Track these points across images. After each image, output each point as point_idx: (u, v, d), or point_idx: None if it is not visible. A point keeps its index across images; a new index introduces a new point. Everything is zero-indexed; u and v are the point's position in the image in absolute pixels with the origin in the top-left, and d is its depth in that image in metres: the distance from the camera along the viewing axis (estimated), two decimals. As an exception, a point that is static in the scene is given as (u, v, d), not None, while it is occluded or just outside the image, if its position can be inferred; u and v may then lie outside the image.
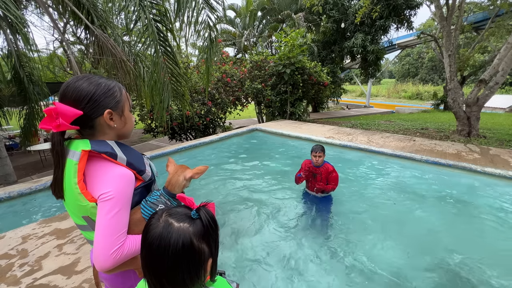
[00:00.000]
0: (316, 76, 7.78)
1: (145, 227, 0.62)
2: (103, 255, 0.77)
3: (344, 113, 14.29)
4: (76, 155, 0.79)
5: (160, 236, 0.58)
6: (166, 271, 0.58)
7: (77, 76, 0.82)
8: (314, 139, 5.41)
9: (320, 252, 2.31)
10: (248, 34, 12.46)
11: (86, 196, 0.79)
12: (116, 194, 0.78)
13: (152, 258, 0.59)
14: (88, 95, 0.78)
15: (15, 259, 1.97)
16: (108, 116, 0.82)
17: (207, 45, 4.66)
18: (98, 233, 0.78)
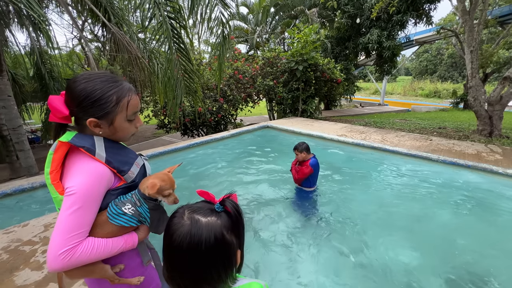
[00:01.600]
0: (329, 73, 7.64)
1: (168, 228, 0.60)
2: (51, 254, 0.71)
3: (358, 111, 13.99)
4: (54, 145, 0.79)
5: (189, 233, 0.56)
6: (202, 269, 0.57)
7: (88, 73, 0.81)
8: (326, 137, 5.34)
9: (329, 251, 2.29)
10: (261, 31, 12.39)
11: (57, 188, 0.77)
12: (79, 190, 0.74)
13: (184, 259, 0.56)
14: (78, 99, 0.78)
15: (38, 246, 2.08)
16: (91, 124, 0.80)
17: (220, 41, 4.68)
18: (54, 229, 0.73)
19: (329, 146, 5.12)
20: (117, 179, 0.85)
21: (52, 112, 0.79)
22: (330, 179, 3.75)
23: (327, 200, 3.14)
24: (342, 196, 3.27)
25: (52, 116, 0.80)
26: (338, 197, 3.23)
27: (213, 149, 5.11)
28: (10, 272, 1.81)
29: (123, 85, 0.84)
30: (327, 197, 3.21)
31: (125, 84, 0.85)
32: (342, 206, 3.01)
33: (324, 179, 3.72)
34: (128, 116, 0.85)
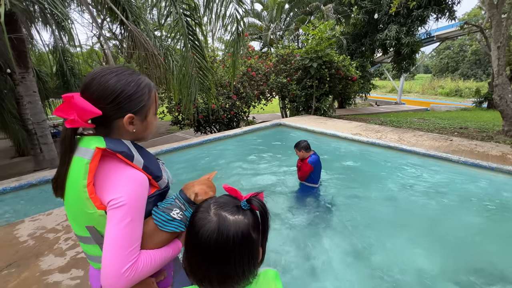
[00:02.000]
0: (344, 70, 7.48)
1: (193, 222, 0.61)
2: (114, 274, 0.64)
3: (373, 110, 13.62)
4: (88, 152, 0.68)
5: (217, 230, 0.56)
6: (228, 265, 0.57)
7: (107, 68, 0.73)
8: (340, 135, 5.24)
9: (339, 249, 2.26)
10: (275, 28, 12.28)
11: (94, 202, 0.67)
12: (129, 201, 0.67)
13: (210, 254, 0.57)
14: (112, 95, 0.70)
15: (61, 234, 2.19)
16: (128, 121, 0.73)
17: (234, 39, 4.69)
18: (107, 247, 0.65)
19: (343, 145, 5.03)
20: (150, 186, 0.78)
21: (80, 114, 0.66)
22: (343, 178, 3.69)
23: (339, 199, 3.10)
24: (355, 195, 3.21)
25: (77, 120, 0.65)
26: (350, 196, 3.18)
27: (225, 146, 5.16)
28: (36, 257, 1.92)
29: (145, 77, 0.78)
30: (340, 196, 3.16)
31: (143, 76, 0.79)
32: (355, 205, 2.96)
33: (337, 178, 3.66)
34: (155, 107, 0.82)
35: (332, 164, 4.19)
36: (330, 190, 3.32)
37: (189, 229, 0.61)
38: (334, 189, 3.37)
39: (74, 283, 1.66)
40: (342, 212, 2.83)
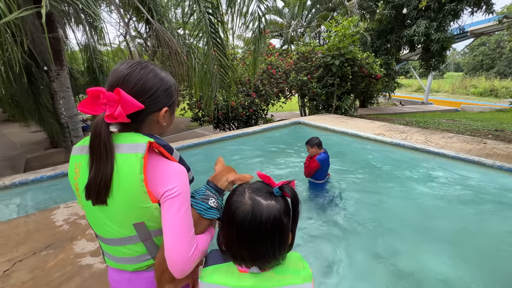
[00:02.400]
0: (368, 68, 7.21)
1: (228, 204, 0.65)
2: (183, 259, 0.67)
3: (397, 110, 13.03)
4: (141, 147, 0.67)
5: (251, 213, 0.61)
6: (260, 246, 0.61)
7: (137, 62, 0.72)
8: (361, 135, 5.08)
9: (360, 254, 2.20)
10: (296, 25, 12.11)
11: (150, 196, 0.68)
12: (183, 190, 0.70)
13: (244, 234, 0.62)
14: (152, 89, 0.70)
15: (91, 221, 2.34)
16: (163, 115, 0.75)
17: (256, 36, 4.69)
18: (171, 235, 0.67)
19: (365, 145, 4.87)
20: None
21: (125, 108, 0.65)
22: (364, 179, 3.58)
23: (361, 201, 3.01)
24: (376, 196, 3.11)
25: (120, 114, 0.65)
26: (371, 197, 3.08)
27: (244, 143, 5.19)
28: (70, 240, 2.07)
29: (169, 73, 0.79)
30: (361, 198, 3.08)
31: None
32: (376, 207, 2.87)
33: (359, 180, 3.56)
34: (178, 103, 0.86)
35: (353, 164, 4.08)
36: (349, 191, 3.24)
37: (225, 210, 0.66)
38: (354, 190, 3.28)
39: (103, 266, 1.77)
40: (362, 213, 2.76)
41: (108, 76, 0.72)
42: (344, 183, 3.48)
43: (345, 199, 3.06)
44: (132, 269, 0.79)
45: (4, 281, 1.67)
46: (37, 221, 2.36)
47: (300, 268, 0.67)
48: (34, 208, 2.96)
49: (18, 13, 2.65)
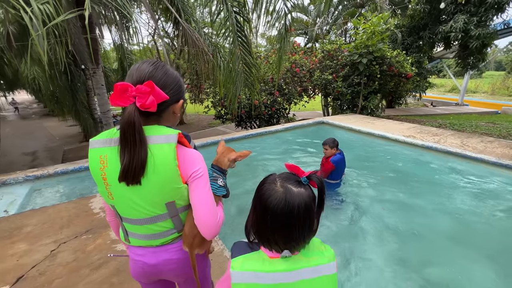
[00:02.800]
0: (398, 66, 6.86)
1: (260, 192, 0.70)
2: (214, 224, 0.81)
3: (427, 111, 12.27)
4: (172, 138, 0.78)
5: (284, 200, 0.65)
6: (292, 230, 0.66)
7: (155, 61, 0.82)
8: (390, 137, 4.86)
9: (387, 260, 2.11)
10: (321, 22, 11.83)
11: (181, 178, 0.80)
12: (205, 171, 0.83)
13: (277, 220, 0.66)
14: (172, 83, 0.80)
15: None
16: (180, 105, 0.85)
17: (282, 34, 4.65)
18: (202, 206, 0.81)
19: (393, 147, 4.66)
20: None
21: (157, 97, 0.74)
22: (391, 182, 3.42)
23: (386, 205, 2.89)
24: (404, 202, 2.96)
25: (151, 103, 0.73)
26: (398, 203, 2.94)
27: (266, 142, 5.20)
28: (106, 227, 2.22)
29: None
30: (386, 201, 2.95)
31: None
32: (403, 213, 2.74)
33: (385, 182, 3.42)
34: None
35: (379, 167, 3.93)
36: (374, 193, 3.12)
37: (258, 198, 0.70)
38: (379, 192, 3.16)
39: (137, 254, 1.87)
40: (387, 217, 2.65)
41: (128, 75, 0.79)
42: (369, 185, 3.36)
43: (368, 201, 2.95)
44: (158, 244, 0.89)
45: (52, 260, 1.84)
46: (77, 207, 2.55)
47: (323, 250, 0.72)
48: (73, 196, 3.22)
49: (65, 16, 2.87)
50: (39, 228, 2.22)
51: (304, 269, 0.67)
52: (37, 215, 2.42)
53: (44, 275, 1.71)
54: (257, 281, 0.66)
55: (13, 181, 3.23)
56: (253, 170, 3.94)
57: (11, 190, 3.14)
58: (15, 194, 3.08)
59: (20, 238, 2.08)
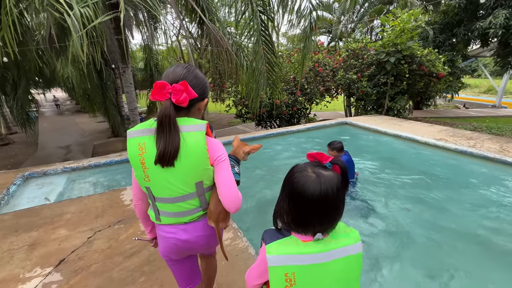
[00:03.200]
0: (429, 65, 6.49)
1: (294, 180, 0.72)
2: (238, 199, 0.95)
3: (459, 113, 11.51)
4: (202, 127, 0.92)
5: (320, 184, 0.69)
6: (327, 212, 0.71)
7: (187, 66, 0.94)
8: (419, 140, 4.62)
9: (412, 269, 2.01)
10: (346, 20, 11.50)
11: (210, 160, 0.94)
12: (226, 156, 0.97)
13: (315, 203, 0.69)
14: (200, 84, 0.95)
15: (153, 203, 2.59)
16: (205, 103, 1.00)
17: (307, 33, 4.59)
18: (227, 184, 0.95)
19: (423, 151, 4.42)
20: None
21: (189, 94, 0.87)
22: (418, 188, 3.25)
23: (412, 211, 2.74)
24: (433, 209, 2.79)
25: (183, 99, 0.86)
26: (426, 210, 2.79)
27: (288, 141, 5.17)
28: (136, 219, 2.32)
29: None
30: (418, 209, 2.80)
31: None
32: (431, 221, 2.60)
33: (411, 188, 3.25)
34: None
35: (406, 171, 3.75)
36: (399, 198, 2.98)
37: (291, 187, 0.73)
38: (405, 198, 3.01)
39: (165, 245, 1.94)
40: (413, 224, 2.52)
41: (164, 75, 0.93)
42: (394, 188, 3.22)
43: (393, 206, 2.83)
44: (187, 220, 1.01)
45: (89, 247, 1.96)
46: (110, 198, 2.70)
47: (349, 232, 0.76)
48: (105, 187, 3.42)
49: (103, 18, 3.05)
50: (77, 216, 2.38)
51: (335, 250, 0.72)
52: (75, 204, 2.60)
53: (83, 260, 1.83)
54: (293, 263, 0.70)
55: (53, 171, 3.50)
56: (275, 170, 3.94)
57: (51, 180, 3.40)
58: (54, 184, 3.33)
59: (61, 225, 2.25)
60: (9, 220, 2.33)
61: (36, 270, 1.74)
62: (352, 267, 0.74)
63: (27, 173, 3.36)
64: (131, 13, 6.53)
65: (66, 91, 16.17)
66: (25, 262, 1.82)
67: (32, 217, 2.37)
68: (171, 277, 1.66)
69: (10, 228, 2.21)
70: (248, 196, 2.98)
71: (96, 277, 1.68)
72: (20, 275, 1.71)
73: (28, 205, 2.75)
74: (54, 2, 2.88)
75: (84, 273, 1.72)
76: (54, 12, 2.98)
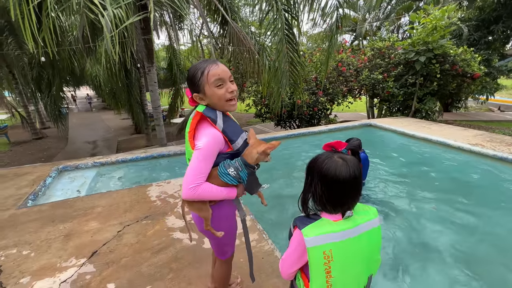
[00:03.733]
0: (463, 65, 6.08)
1: (323, 167, 0.79)
2: (184, 186, 1.01)
3: (494, 117, 10.72)
4: (194, 113, 1.06)
5: (348, 167, 0.77)
6: (357, 192, 0.81)
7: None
8: (451, 144, 4.33)
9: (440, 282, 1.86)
10: (372, 18, 11.09)
11: (190, 144, 1.04)
12: (204, 147, 1.00)
13: (346, 185, 0.77)
14: (187, 81, 1.09)
15: (178, 200, 2.63)
16: (196, 98, 1.08)
17: (333, 31, 4.46)
18: (187, 171, 1.01)
19: (456, 156, 4.14)
20: (227, 146, 1.08)
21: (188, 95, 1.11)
22: (450, 195, 3.03)
23: (448, 222, 2.56)
24: (467, 220, 2.59)
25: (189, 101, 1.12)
26: (459, 220, 2.58)
27: (308, 143, 5.06)
28: (162, 215, 2.37)
29: (206, 62, 1.05)
30: (448, 219, 2.61)
31: (209, 60, 1.06)
32: (465, 232, 2.40)
33: (442, 195, 3.04)
34: (210, 82, 1.03)
35: (436, 177, 3.51)
36: (427, 204, 2.79)
37: (324, 172, 0.79)
38: (439, 206, 2.81)
39: (191, 244, 1.96)
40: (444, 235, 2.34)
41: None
42: (423, 195, 3.03)
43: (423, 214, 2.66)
44: None
45: (119, 240, 2.03)
46: (137, 194, 2.78)
47: (367, 209, 0.86)
48: (131, 182, 3.53)
49: (134, 18, 3.15)
50: (107, 209, 2.47)
51: (361, 224, 0.81)
52: (105, 198, 2.70)
53: (113, 253, 1.89)
54: (329, 241, 0.77)
55: (84, 166, 3.67)
56: (295, 169, 3.87)
57: (82, 174, 3.58)
58: (85, 177, 3.50)
59: (93, 217, 2.34)
60: (46, 211, 2.47)
61: (71, 260, 1.82)
62: (376, 238, 0.84)
63: (61, 166, 3.56)
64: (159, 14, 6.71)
65: (94, 89, 17.02)
66: (61, 251, 1.91)
67: (67, 209, 2.50)
68: (198, 275, 1.67)
69: (47, 218, 2.34)
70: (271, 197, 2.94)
71: (127, 270, 1.72)
72: (57, 264, 1.79)
73: (62, 197, 2.90)
74: (89, 4, 3.02)
75: (115, 266, 1.77)
76: (89, 13, 3.12)
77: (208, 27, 6.24)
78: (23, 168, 3.65)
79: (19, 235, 2.12)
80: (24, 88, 10.57)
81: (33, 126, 11.00)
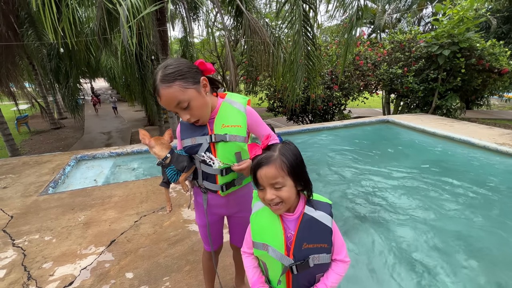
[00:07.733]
0: (491, 60, 5.73)
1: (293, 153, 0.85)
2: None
3: (519, 115, 10.12)
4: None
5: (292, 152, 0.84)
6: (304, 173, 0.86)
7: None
8: (475, 143, 4.11)
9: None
10: (392, 10, 10.62)
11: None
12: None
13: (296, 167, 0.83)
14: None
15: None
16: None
17: (353, 22, 4.27)
18: None
19: (481, 156, 3.93)
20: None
21: None
22: (474, 197, 2.87)
23: (475, 224, 2.43)
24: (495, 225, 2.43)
25: None
26: (487, 225, 2.44)
27: (322, 138, 4.95)
28: (178, 207, 2.37)
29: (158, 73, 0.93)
30: (472, 222, 2.48)
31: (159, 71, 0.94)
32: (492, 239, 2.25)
33: (466, 197, 2.89)
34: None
35: (458, 178, 3.34)
36: (458, 208, 2.66)
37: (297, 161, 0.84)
38: (459, 207, 2.67)
39: (207, 236, 1.94)
40: (470, 239, 2.22)
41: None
42: (446, 195, 2.89)
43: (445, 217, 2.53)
44: None
45: (136, 230, 2.04)
46: (152, 185, 2.80)
47: None
48: (145, 173, 3.57)
49: (151, 8, 3.11)
50: (124, 199, 2.50)
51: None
52: (121, 188, 2.73)
53: (131, 242, 1.90)
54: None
55: (101, 155, 3.74)
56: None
57: (99, 163, 3.65)
58: (102, 167, 3.56)
59: (110, 206, 2.38)
60: (66, 198, 2.52)
61: (90, 248, 1.85)
62: None
63: (79, 155, 3.64)
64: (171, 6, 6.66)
65: (108, 81, 17.33)
66: (81, 239, 1.95)
67: (85, 197, 2.54)
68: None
69: (67, 206, 2.39)
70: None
71: (144, 260, 1.73)
72: (77, 251, 1.82)
73: (80, 186, 2.96)
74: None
75: (132, 255, 1.78)
76: (107, 3, 3.11)
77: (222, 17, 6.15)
78: (43, 156, 3.75)
79: (41, 221, 2.18)
80: (43, 79, 10.88)
81: (51, 116, 11.36)
